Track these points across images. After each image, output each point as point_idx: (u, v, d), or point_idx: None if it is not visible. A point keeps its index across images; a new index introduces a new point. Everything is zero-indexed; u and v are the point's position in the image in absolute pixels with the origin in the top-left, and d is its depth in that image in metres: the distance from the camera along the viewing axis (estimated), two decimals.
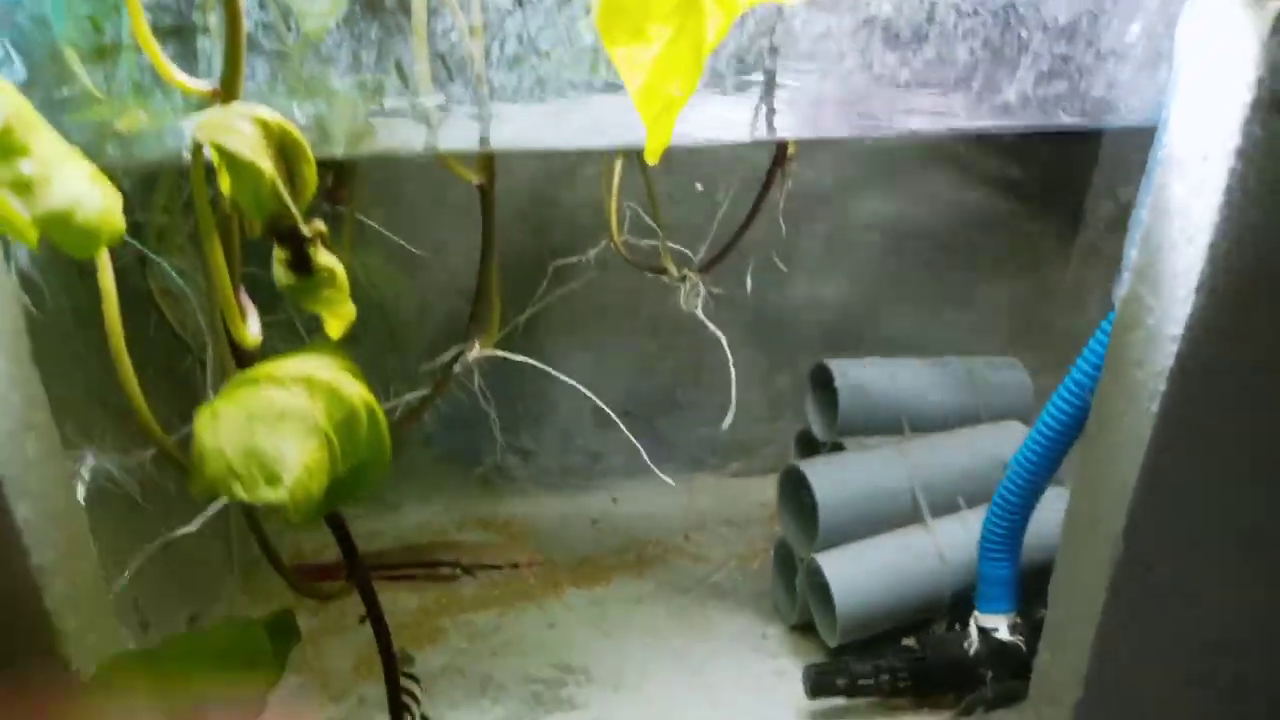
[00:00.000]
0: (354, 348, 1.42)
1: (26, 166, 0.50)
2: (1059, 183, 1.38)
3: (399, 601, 1.26)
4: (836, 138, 0.73)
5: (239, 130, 0.54)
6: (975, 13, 0.70)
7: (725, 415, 1.52)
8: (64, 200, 0.52)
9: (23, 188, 0.50)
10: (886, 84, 0.69)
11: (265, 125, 0.55)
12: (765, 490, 1.50)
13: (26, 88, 0.63)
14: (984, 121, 0.73)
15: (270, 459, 0.57)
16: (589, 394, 0.97)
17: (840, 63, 0.68)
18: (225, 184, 0.60)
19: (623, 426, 0.98)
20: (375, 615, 0.89)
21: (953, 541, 1.11)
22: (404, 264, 1.34)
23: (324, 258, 0.59)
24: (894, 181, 1.40)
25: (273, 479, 0.56)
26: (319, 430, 0.60)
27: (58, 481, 0.72)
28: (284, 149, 0.56)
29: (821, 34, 0.67)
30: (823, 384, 1.30)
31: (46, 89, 0.65)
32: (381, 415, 0.66)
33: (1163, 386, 0.73)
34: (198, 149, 0.56)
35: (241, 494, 0.55)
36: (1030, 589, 1.07)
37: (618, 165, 1.09)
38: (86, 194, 0.53)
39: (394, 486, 1.47)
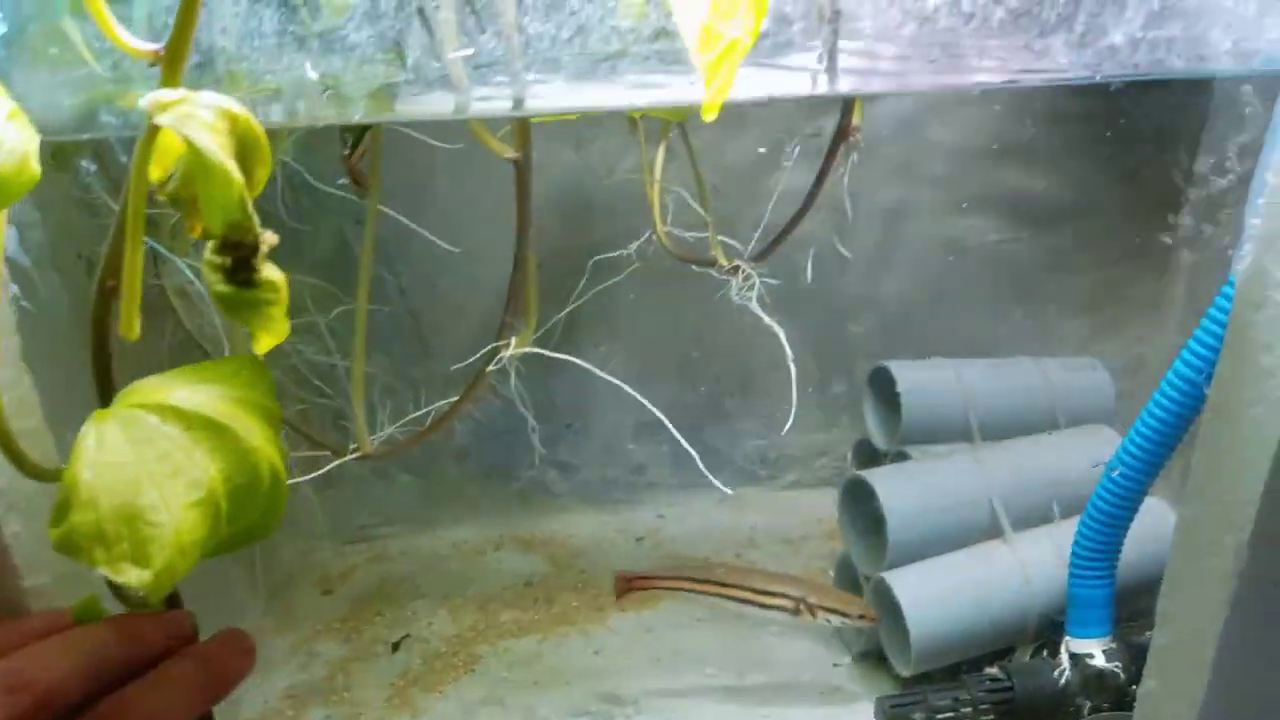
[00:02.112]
0: (384, 356, 1.36)
1: None
2: (1152, 157, 1.27)
3: (434, 628, 1.18)
4: (915, 91, 0.64)
5: (206, 122, 0.45)
6: None
7: (776, 425, 1.43)
8: None
9: None
10: (977, 24, 0.61)
11: (230, 118, 0.46)
12: (821, 505, 1.40)
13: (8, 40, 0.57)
14: (1087, 68, 0.64)
15: (146, 531, 0.46)
16: (635, 394, 0.89)
17: (924, 1, 0.60)
18: (156, 172, 0.51)
19: (674, 430, 0.89)
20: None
21: (1038, 557, 1.01)
22: (436, 268, 1.27)
23: (269, 271, 0.50)
24: (960, 166, 1.30)
25: (141, 558, 0.46)
26: (211, 499, 0.50)
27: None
28: (243, 146, 0.47)
29: None
30: (882, 388, 1.20)
31: (33, 47, 0.58)
32: (283, 477, 0.56)
33: None
34: (152, 130, 0.48)
35: (100, 563, 0.45)
36: (1125, 609, 0.96)
37: (661, 149, 1.01)
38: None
39: (427, 503, 1.39)
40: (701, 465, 0.89)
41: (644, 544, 1.35)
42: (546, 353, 0.83)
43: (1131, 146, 1.26)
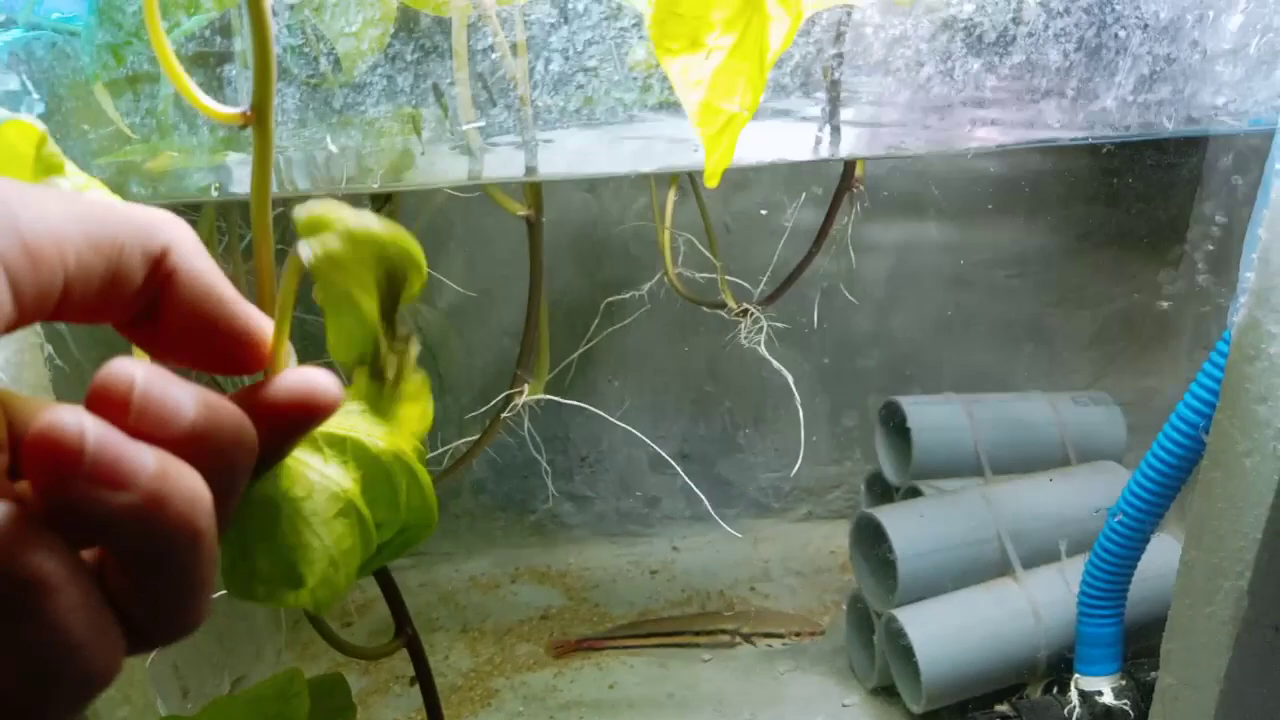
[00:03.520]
0: None
1: (66, 185, 0.46)
2: (1154, 199, 1.29)
3: (451, 661, 1.20)
4: (912, 153, 0.66)
5: (339, 253, 0.48)
6: (1067, 11, 0.63)
7: (788, 458, 1.45)
8: None
9: None
10: (970, 92, 0.63)
11: (376, 244, 0.49)
12: (834, 537, 1.42)
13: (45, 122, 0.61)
14: (1079, 131, 0.66)
15: (291, 555, 0.50)
16: (646, 440, 0.91)
17: (917, 71, 0.62)
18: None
19: (682, 473, 0.91)
20: (424, 677, 0.83)
21: (1047, 595, 1.02)
22: (451, 306, 1.30)
23: (411, 379, 0.53)
24: (967, 204, 1.32)
25: (294, 580, 0.50)
26: (350, 509, 0.54)
27: None
28: (390, 269, 0.50)
29: (896, 39, 0.61)
30: (893, 423, 1.22)
31: (67, 125, 0.62)
32: (422, 473, 0.60)
33: None
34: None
35: (262, 599, 0.49)
36: (1136, 646, 0.97)
37: (670, 195, 1.04)
38: None
39: (445, 536, 1.41)
40: (710, 508, 0.91)
41: (658, 577, 1.37)
42: (559, 400, 0.86)
43: (1138, 181, 1.28)
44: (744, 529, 1.45)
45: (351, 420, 0.59)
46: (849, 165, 0.84)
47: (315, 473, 0.54)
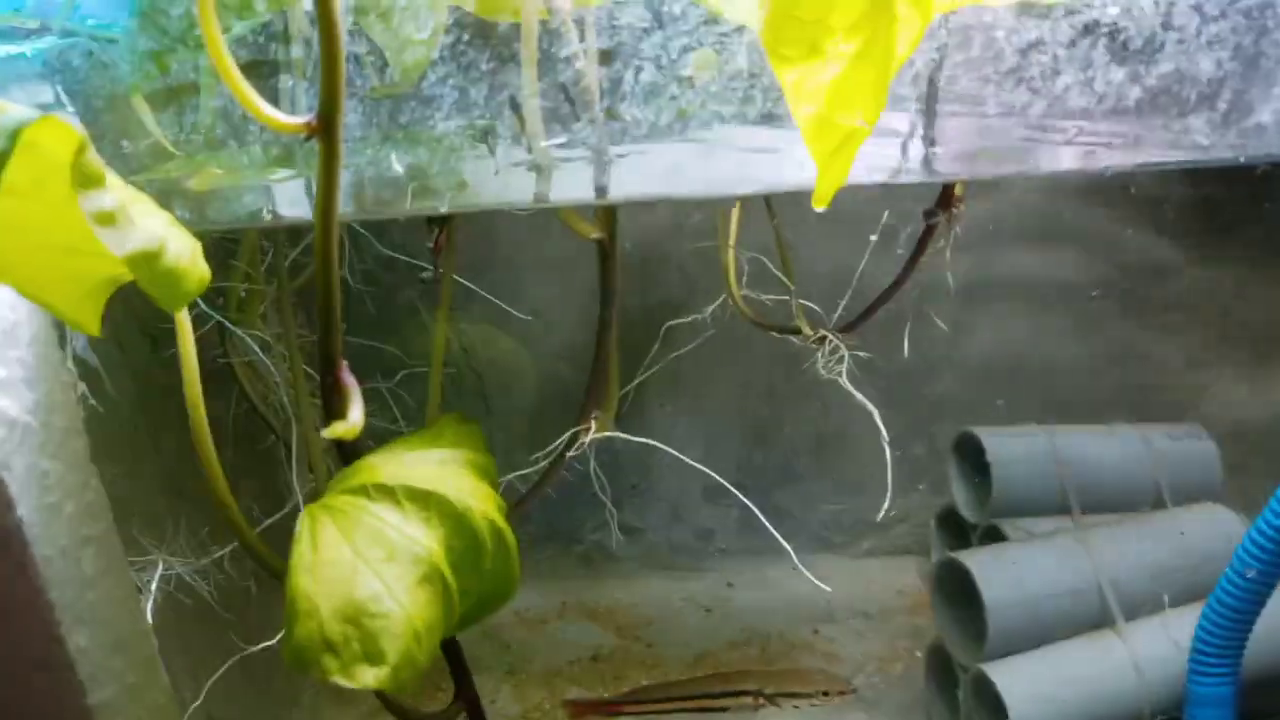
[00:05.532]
0: None
1: (107, 199, 0.40)
2: (1262, 209, 1.20)
3: (498, 706, 1.13)
4: (1040, 173, 0.59)
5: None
6: (1223, 15, 0.55)
7: (849, 490, 1.37)
8: (150, 239, 0.41)
9: (108, 220, 0.39)
10: (1110, 105, 0.56)
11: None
12: (900, 574, 1.34)
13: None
14: (1231, 149, 0.58)
15: (372, 624, 0.43)
16: (708, 471, 0.84)
17: (1054, 80, 0.55)
18: None
19: (750, 505, 0.84)
20: None
21: (1152, 651, 0.93)
22: (502, 329, 1.24)
23: None
24: (1049, 219, 1.24)
25: (374, 655, 0.43)
26: (435, 573, 0.47)
27: (120, 601, 0.63)
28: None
29: (1032, 44, 0.54)
30: (969, 456, 1.14)
31: (104, 140, 0.56)
32: (506, 532, 0.53)
33: None
34: None
35: (334, 673, 0.42)
36: (1248, 705, 0.89)
37: (735, 211, 0.97)
38: (170, 235, 0.43)
39: None
40: (782, 540, 0.84)
41: (713, 615, 1.29)
42: (628, 437, 0.79)
43: (1239, 197, 1.19)
44: (803, 565, 1.37)
45: (432, 470, 0.52)
46: (948, 185, 0.77)
47: (394, 530, 0.47)
